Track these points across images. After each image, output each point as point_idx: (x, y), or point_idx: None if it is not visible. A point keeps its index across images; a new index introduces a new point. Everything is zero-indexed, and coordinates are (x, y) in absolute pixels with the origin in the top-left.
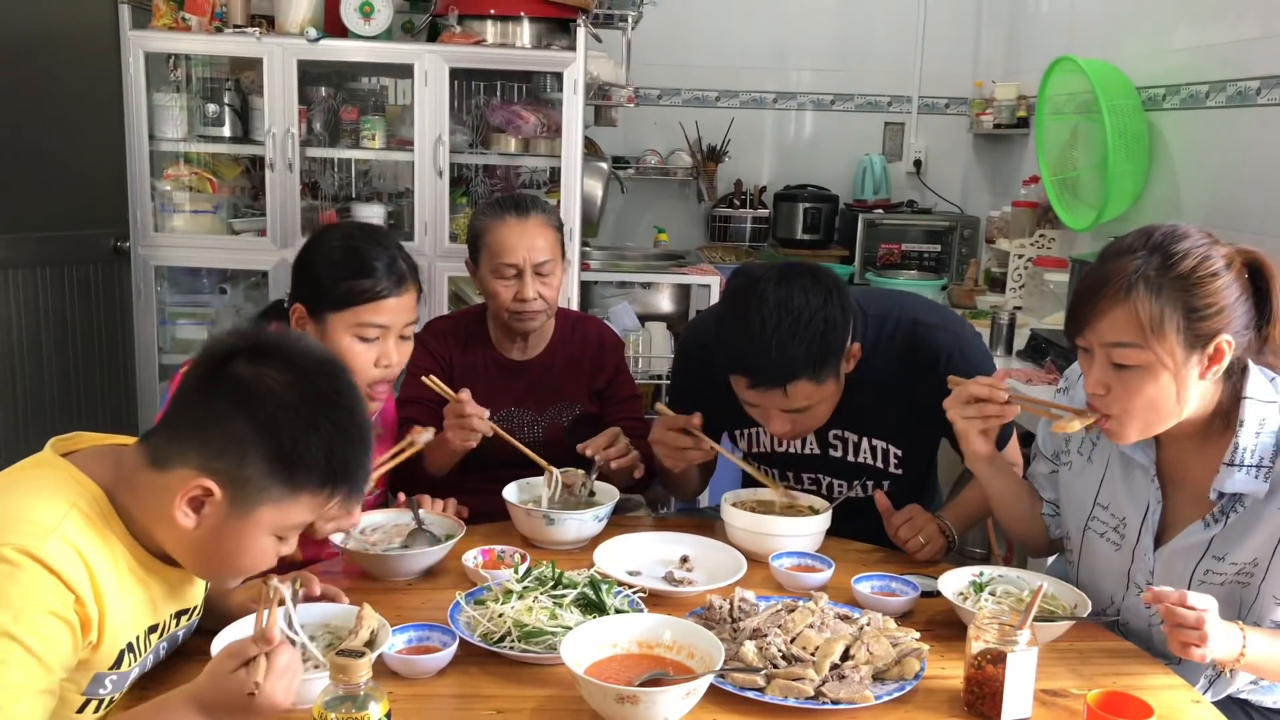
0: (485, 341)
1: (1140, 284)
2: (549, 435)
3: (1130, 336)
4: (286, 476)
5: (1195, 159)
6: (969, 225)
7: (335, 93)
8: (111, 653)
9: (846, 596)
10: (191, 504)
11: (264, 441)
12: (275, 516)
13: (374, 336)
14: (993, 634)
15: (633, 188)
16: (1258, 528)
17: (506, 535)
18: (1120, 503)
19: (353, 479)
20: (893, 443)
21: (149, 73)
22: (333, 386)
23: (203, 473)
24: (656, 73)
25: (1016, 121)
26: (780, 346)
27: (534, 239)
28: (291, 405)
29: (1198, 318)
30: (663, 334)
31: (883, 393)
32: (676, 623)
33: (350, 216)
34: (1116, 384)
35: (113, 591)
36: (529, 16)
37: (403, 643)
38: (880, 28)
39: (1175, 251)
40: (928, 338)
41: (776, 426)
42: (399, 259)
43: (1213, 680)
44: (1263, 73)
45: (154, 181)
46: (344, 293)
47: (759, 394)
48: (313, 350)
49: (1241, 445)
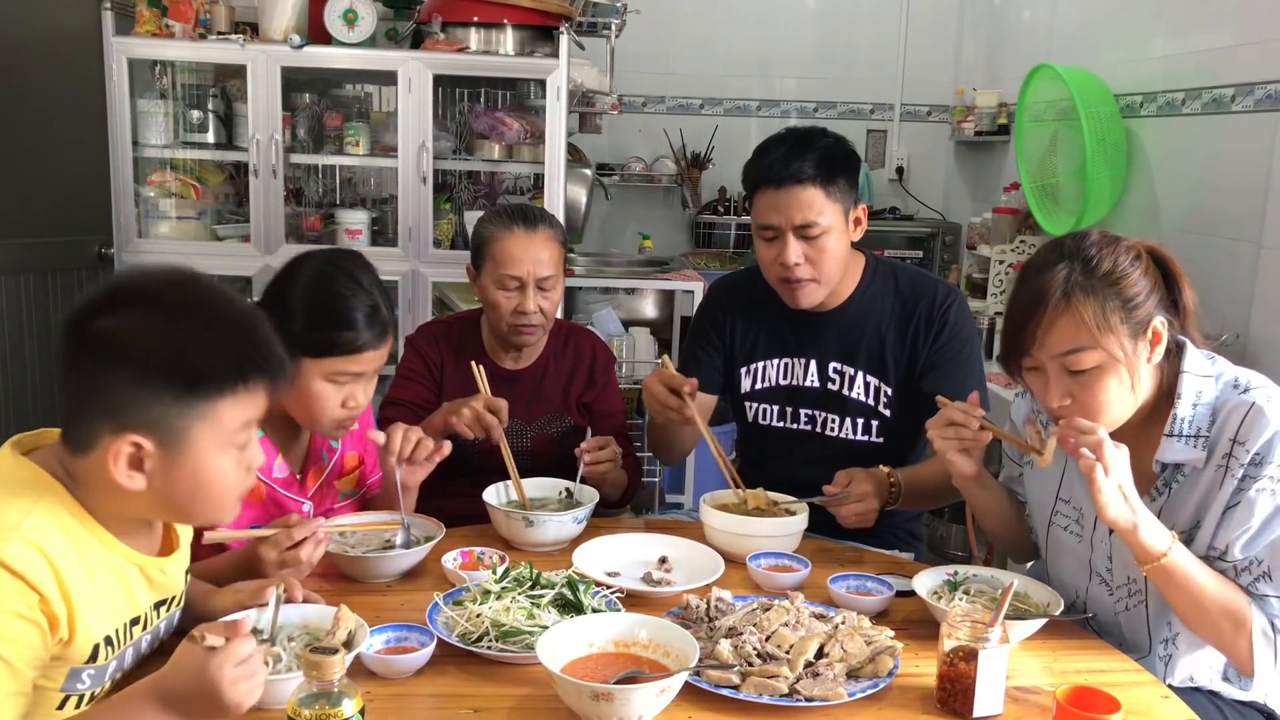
0: (478, 348)
1: (1075, 290)
2: (536, 445)
3: (1082, 341)
4: (192, 390)
5: (1172, 165)
6: (951, 231)
7: (319, 99)
8: (85, 648)
9: (823, 596)
10: (131, 466)
11: (151, 373)
12: (212, 432)
13: (346, 382)
14: (965, 632)
15: (617, 194)
16: (1197, 492)
17: (486, 537)
18: (1079, 495)
19: (258, 359)
20: (884, 380)
21: (133, 79)
22: (185, 294)
23: (120, 432)
24: (641, 80)
25: (997, 129)
26: (794, 145)
27: (540, 252)
28: (156, 329)
29: (1132, 306)
30: (646, 339)
31: (879, 327)
32: (652, 621)
33: (335, 224)
34: (1077, 390)
35: (83, 587)
36: (512, 24)
37: (381, 643)
38: (863, 36)
39: (1092, 255)
40: (926, 282)
41: (787, 254)
42: (380, 307)
43: (1167, 662)
44: (1237, 80)
45: (138, 188)
46: (323, 342)
47: (775, 195)
48: (153, 275)
49: (1180, 416)
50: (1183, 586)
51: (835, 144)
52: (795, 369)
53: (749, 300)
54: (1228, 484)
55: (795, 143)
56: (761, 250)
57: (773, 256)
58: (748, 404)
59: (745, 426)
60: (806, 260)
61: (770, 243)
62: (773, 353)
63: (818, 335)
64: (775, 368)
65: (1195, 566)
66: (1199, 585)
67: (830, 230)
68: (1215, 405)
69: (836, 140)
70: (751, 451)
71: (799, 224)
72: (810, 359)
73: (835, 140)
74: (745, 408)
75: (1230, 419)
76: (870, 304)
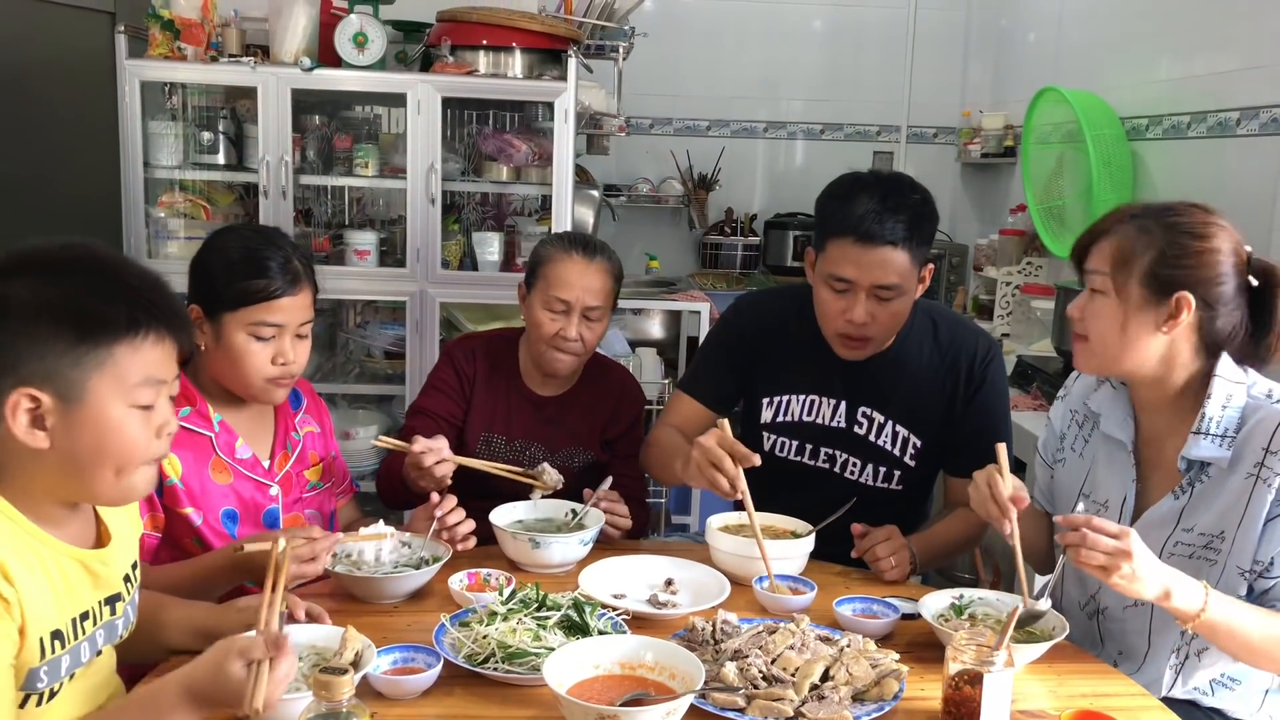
0: (513, 368)
1: (1131, 221)
2: None
3: (1102, 265)
4: (83, 339)
5: (1177, 187)
6: (957, 253)
7: (329, 121)
8: (33, 645)
9: (829, 619)
10: (32, 424)
11: (45, 324)
12: (110, 385)
13: (269, 335)
14: (970, 655)
15: (624, 215)
16: (1222, 496)
17: (493, 559)
18: (1103, 488)
19: (151, 308)
20: (915, 431)
21: (145, 101)
22: (80, 252)
23: (16, 387)
24: (648, 102)
25: (1003, 151)
26: (886, 199)
27: (592, 281)
28: (45, 283)
29: (1167, 262)
30: (653, 360)
31: (915, 377)
32: (658, 644)
33: (343, 244)
34: (1089, 309)
35: (27, 583)
36: (520, 47)
37: (388, 664)
38: (869, 59)
39: (1183, 212)
40: (967, 334)
41: (857, 312)
42: (293, 258)
43: (1179, 670)
44: (1242, 104)
45: (149, 209)
46: (238, 292)
47: (859, 251)
48: (51, 242)
49: (1208, 415)
50: (1228, 634)
51: (923, 202)
52: (822, 408)
53: (779, 329)
54: (1263, 494)
55: (886, 195)
56: (827, 299)
57: (839, 310)
58: (766, 434)
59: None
60: (873, 320)
61: (839, 295)
62: (799, 388)
63: (851, 378)
64: (800, 403)
65: (1235, 612)
66: (1244, 630)
67: (905, 293)
68: (1245, 410)
69: (924, 198)
70: (759, 478)
71: (878, 285)
72: (840, 401)
73: (923, 198)
74: (763, 437)
75: (1261, 427)
76: (909, 353)
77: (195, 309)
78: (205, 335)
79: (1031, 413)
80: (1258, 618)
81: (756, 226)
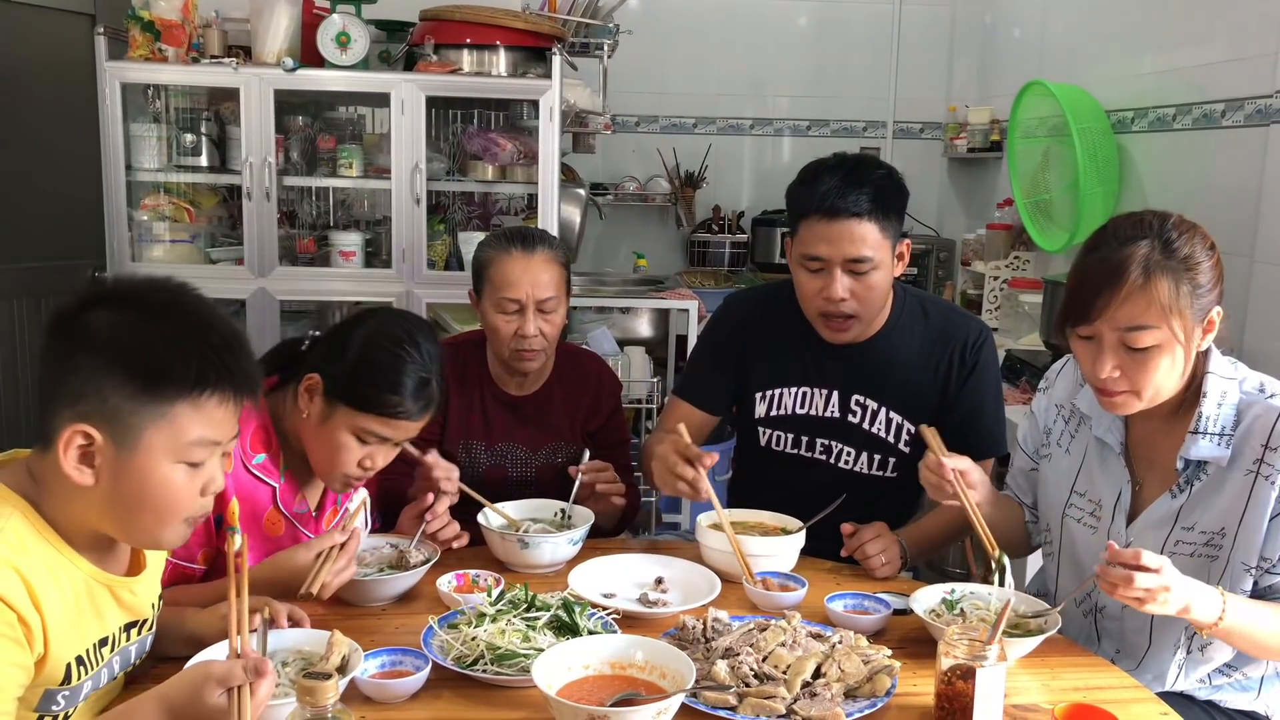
0: (483, 373)
1: (1155, 269)
2: (541, 475)
3: (1151, 319)
4: (148, 389)
5: (1163, 180)
6: (945, 248)
7: (312, 122)
8: (59, 668)
9: (820, 615)
10: (82, 459)
11: (114, 365)
12: (165, 439)
13: (371, 443)
14: (962, 650)
15: (611, 214)
16: (1222, 494)
17: (482, 560)
18: (1096, 487)
19: (222, 370)
20: (909, 417)
21: (126, 103)
22: (169, 298)
23: (76, 421)
24: (634, 100)
25: (990, 145)
26: (848, 175)
27: (539, 274)
28: (130, 323)
29: (1201, 293)
30: (641, 358)
31: (908, 363)
32: (648, 643)
33: (329, 246)
34: (1129, 364)
35: (54, 606)
36: (505, 45)
37: (376, 667)
38: (855, 55)
39: (1173, 237)
40: (958, 319)
41: (834, 289)
42: (433, 381)
43: (1182, 665)
44: (1227, 95)
45: (131, 211)
46: (366, 398)
47: (826, 226)
48: (143, 279)
49: (1205, 414)
50: (1242, 636)
51: (888, 176)
52: (815, 399)
53: (769, 324)
54: (1265, 491)
55: (849, 172)
56: (804, 281)
57: (816, 289)
58: (761, 429)
59: (754, 448)
60: (852, 296)
61: (815, 274)
62: (792, 381)
63: (843, 367)
64: (793, 396)
65: (1250, 615)
66: (1259, 630)
67: (879, 266)
68: (1240, 407)
69: (889, 172)
70: (754, 472)
71: (850, 258)
72: (833, 390)
73: (888, 172)
74: (758, 432)
75: (1259, 424)
76: (900, 339)
77: (315, 378)
78: (311, 405)
79: (1020, 406)
80: (1271, 617)
81: (744, 224)
